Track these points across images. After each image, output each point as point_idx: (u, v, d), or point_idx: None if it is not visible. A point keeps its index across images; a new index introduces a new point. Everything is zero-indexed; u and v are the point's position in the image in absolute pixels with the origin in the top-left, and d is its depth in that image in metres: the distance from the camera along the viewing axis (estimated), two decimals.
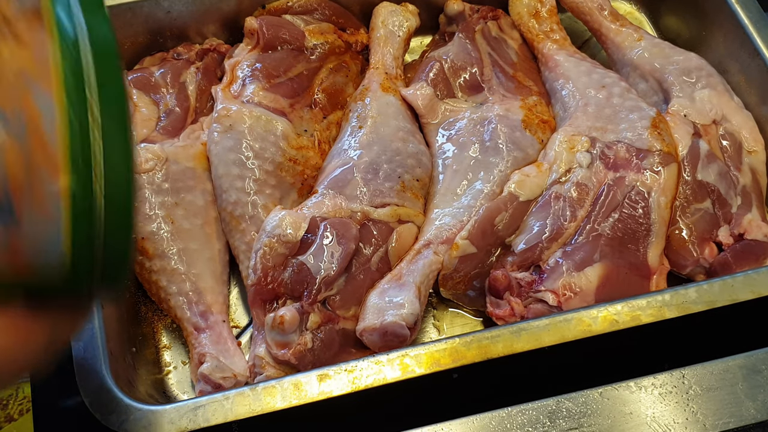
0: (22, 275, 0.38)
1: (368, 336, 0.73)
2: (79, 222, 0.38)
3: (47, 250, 0.38)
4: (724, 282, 0.71)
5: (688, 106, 0.86)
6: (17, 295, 0.39)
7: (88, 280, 0.40)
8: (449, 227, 0.80)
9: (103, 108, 0.38)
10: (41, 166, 0.37)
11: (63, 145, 0.37)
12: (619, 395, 0.68)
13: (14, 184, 0.36)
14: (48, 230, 0.38)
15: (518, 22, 0.98)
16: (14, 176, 0.36)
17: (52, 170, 0.37)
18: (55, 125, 0.37)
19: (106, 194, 0.38)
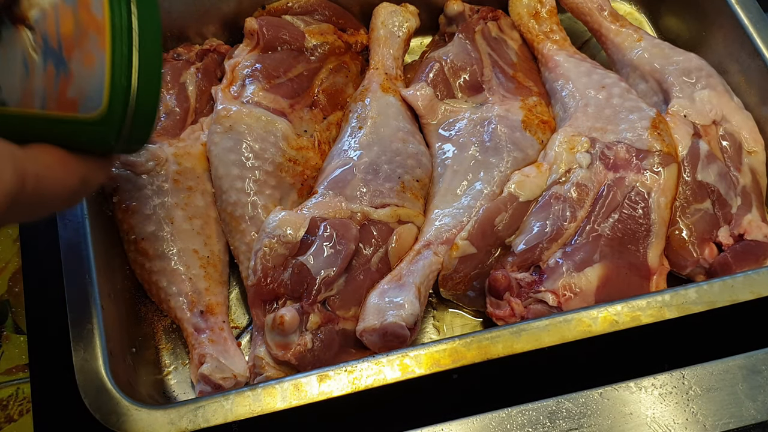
0: (67, 114, 0.46)
1: (368, 336, 0.73)
2: (117, 81, 0.46)
3: (90, 97, 0.46)
4: (724, 282, 0.71)
5: (688, 107, 0.86)
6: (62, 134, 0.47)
7: (118, 131, 0.48)
8: (449, 228, 0.80)
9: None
10: (89, 28, 0.45)
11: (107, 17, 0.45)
12: (619, 396, 0.68)
13: (66, 38, 0.45)
14: (91, 81, 0.46)
15: (518, 23, 0.98)
16: (66, 32, 0.44)
17: (98, 34, 0.45)
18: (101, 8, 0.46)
19: (140, 63, 0.46)
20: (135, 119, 0.48)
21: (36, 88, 0.45)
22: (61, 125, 0.47)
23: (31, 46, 0.45)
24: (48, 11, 0.45)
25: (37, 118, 0.46)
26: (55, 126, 0.47)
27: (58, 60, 0.45)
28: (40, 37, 0.45)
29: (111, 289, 0.75)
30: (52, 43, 0.45)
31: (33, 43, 0.45)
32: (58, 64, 0.45)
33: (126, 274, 0.80)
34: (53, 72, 0.45)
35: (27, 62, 0.45)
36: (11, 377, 0.85)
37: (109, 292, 0.74)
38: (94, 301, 0.70)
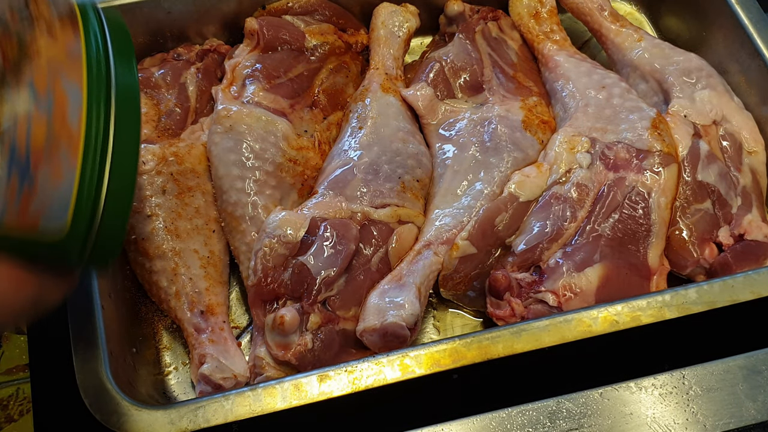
0: (26, 231, 0.43)
1: (368, 336, 0.73)
2: (84, 200, 0.43)
3: (52, 214, 0.43)
4: (724, 282, 0.71)
5: (688, 107, 0.86)
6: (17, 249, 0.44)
7: (80, 251, 0.45)
8: (449, 228, 0.80)
9: (119, 106, 0.44)
10: (61, 141, 0.42)
11: (82, 130, 0.42)
12: (619, 396, 0.68)
13: (36, 149, 0.42)
14: (57, 197, 0.43)
15: (518, 23, 0.98)
16: (37, 143, 0.42)
17: (70, 147, 0.42)
18: (78, 111, 0.43)
19: (111, 182, 0.43)
20: (99, 240, 0.45)
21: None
22: (20, 239, 0.44)
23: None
24: (20, 117, 0.42)
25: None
26: (11, 239, 0.44)
27: (23, 172, 0.42)
28: (7, 146, 0.42)
29: (111, 289, 0.75)
30: (19, 154, 0.42)
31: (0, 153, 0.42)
32: (23, 176, 0.42)
33: (126, 274, 0.80)
34: (17, 183, 0.42)
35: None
36: (12, 377, 0.85)
37: (109, 292, 0.74)
38: (95, 302, 0.70)
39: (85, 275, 0.49)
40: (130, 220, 0.79)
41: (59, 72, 0.43)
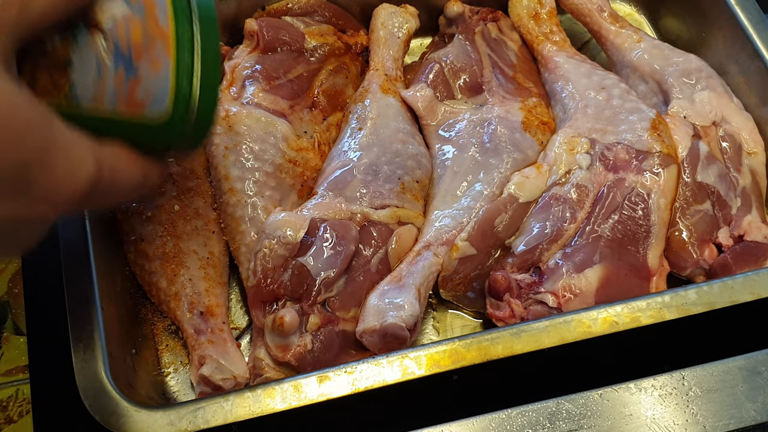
0: (134, 114, 0.50)
1: (368, 338, 0.73)
2: (181, 86, 0.50)
3: (155, 100, 0.50)
4: (723, 283, 0.71)
5: (687, 108, 0.86)
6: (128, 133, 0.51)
7: (178, 131, 0.52)
8: (449, 229, 0.80)
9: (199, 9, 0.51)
10: (155, 37, 0.49)
11: (171, 27, 0.50)
12: (619, 397, 0.68)
13: (136, 45, 0.49)
14: (157, 84, 0.50)
15: (518, 24, 0.98)
16: (136, 39, 0.49)
17: (164, 42, 0.49)
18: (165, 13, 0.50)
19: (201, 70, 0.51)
20: (195, 122, 0.52)
21: (108, 89, 0.49)
22: (129, 124, 0.51)
23: (104, 50, 0.48)
24: (119, 20, 0.49)
25: (107, 117, 0.50)
26: (122, 124, 0.50)
27: (128, 64, 0.49)
28: (112, 42, 0.48)
29: (111, 290, 0.75)
30: (122, 49, 0.49)
31: (105, 47, 0.49)
32: (128, 68, 0.49)
33: (126, 275, 0.80)
34: (123, 75, 0.49)
35: (99, 64, 0.48)
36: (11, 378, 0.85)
37: (109, 293, 0.74)
38: (94, 303, 0.70)
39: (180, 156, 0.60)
40: (130, 222, 0.79)
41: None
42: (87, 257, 0.72)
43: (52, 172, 0.45)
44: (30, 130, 0.43)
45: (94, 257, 0.73)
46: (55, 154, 0.45)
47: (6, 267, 0.91)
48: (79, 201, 0.47)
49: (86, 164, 0.47)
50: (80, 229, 0.74)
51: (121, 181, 0.52)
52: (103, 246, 0.76)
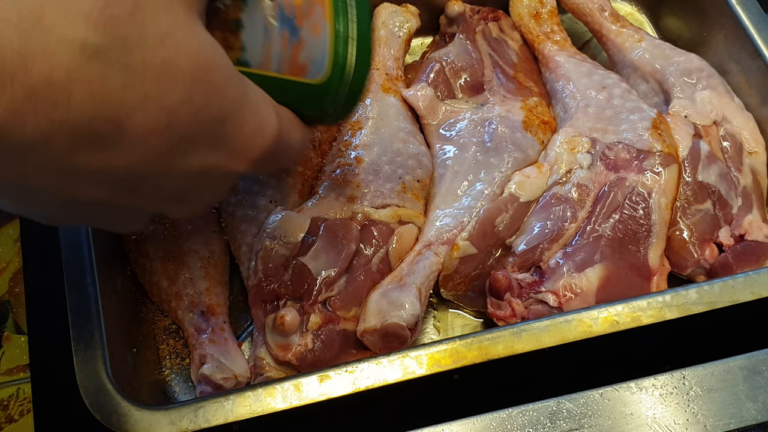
0: (297, 78, 0.52)
1: (369, 337, 0.73)
2: (339, 50, 0.52)
3: (315, 64, 0.52)
4: (724, 283, 0.71)
5: (688, 107, 0.86)
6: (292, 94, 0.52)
7: (335, 96, 0.54)
8: (450, 228, 0.80)
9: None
10: (315, 3, 0.51)
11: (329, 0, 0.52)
12: (619, 396, 0.67)
13: (298, 8, 0.50)
14: (317, 49, 0.51)
15: (519, 23, 0.98)
16: (298, 2, 0.50)
17: (322, 7, 0.51)
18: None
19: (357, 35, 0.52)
20: (349, 87, 0.54)
21: (273, 52, 0.50)
22: (292, 87, 0.52)
23: (270, 13, 0.49)
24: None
25: (273, 79, 0.51)
26: (286, 87, 0.52)
27: (291, 27, 0.50)
28: (277, 5, 0.50)
29: (112, 289, 0.75)
30: (287, 12, 0.50)
31: (272, 10, 0.50)
32: (292, 32, 0.50)
33: (127, 274, 0.80)
34: (287, 38, 0.50)
35: (267, 27, 0.49)
36: (12, 377, 0.85)
37: (109, 292, 0.74)
38: (95, 302, 0.70)
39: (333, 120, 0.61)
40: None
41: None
42: (88, 256, 0.73)
43: (245, 127, 0.46)
44: (229, 84, 0.44)
45: (95, 256, 0.73)
46: (248, 110, 0.46)
47: (7, 266, 0.91)
48: (263, 158, 0.48)
49: (271, 122, 0.48)
50: (81, 229, 0.74)
51: (292, 143, 0.53)
52: (104, 245, 0.76)
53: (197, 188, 0.48)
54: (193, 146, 0.43)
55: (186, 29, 0.41)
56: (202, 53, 0.42)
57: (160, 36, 0.39)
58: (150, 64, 0.39)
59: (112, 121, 0.38)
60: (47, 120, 0.36)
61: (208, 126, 0.43)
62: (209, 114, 0.43)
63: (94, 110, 0.37)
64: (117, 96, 0.38)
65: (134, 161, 0.41)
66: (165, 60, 0.39)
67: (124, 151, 0.40)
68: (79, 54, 0.36)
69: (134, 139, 0.40)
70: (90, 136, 0.38)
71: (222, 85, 0.43)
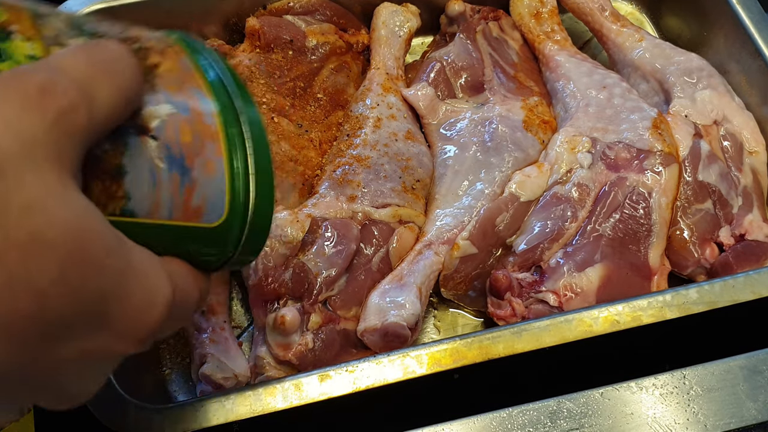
0: (192, 223, 0.46)
1: (369, 336, 0.73)
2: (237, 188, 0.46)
3: (211, 205, 0.46)
4: (725, 283, 0.71)
5: (689, 107, 0.86)
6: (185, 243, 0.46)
7: (237, 239, 0.48)
8: (450, 228, 0.80)
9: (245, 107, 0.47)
10: (204, 137, 0.45)
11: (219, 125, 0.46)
12: (620, 396, 0.67)
13: (187, 146, 0.44)
14: (213, 188, 0.45)
15: (519, 23, 0.98)
16: (186, 140, 0.44)
17: (214, 142, 0.45)
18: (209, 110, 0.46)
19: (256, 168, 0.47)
20: (252, 228, 0.48)
21: (163, 197, 0.44)
22: (187, 233, 0.46)
23: (156, 155, 0.44)
24: (167, 122, 0.44)
25: (165, 227, 0.45)
26: (181, 234, 0.46)
27: (181, 168, 0.44)
28: (163, 146, 0.44)
29: None
30: (174, 151, 0.44)
31: (157, 151, 0.44)
32: (182, 172, 0.44)
33: None
34: (178, 180, 0.44)
35: (154, 171, 0.44)
36: None
37: None
38: None
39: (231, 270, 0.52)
40: None
41: (181, 80, 0.46)
42: None
43: (130, 301, 0.39)
44: (109, 256, 0.37)
45: None
46: (133, 281, 0.39)
47: None
48: (155, 331, 0.41)
49: (162, 290, 0.41)
50: None
51: (189, 304, 0.45)
52: None
53: (76, 377, 0.41)
54: (69, 332, 0.36)
55: (57, 195, 0.35)
56: (77, 223, 0.35)
57: (26, 205, 0.33)
58: (14, 240, 0.32)
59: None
60: None
61: (87, 307, 0.36)
62: (87, 294, 0.36)
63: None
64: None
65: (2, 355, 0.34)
66: (32, 233, 0.33)
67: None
68: None
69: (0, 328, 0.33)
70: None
71: (101, 257, 0.36)
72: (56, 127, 0.35)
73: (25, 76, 0.35)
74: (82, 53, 0.39)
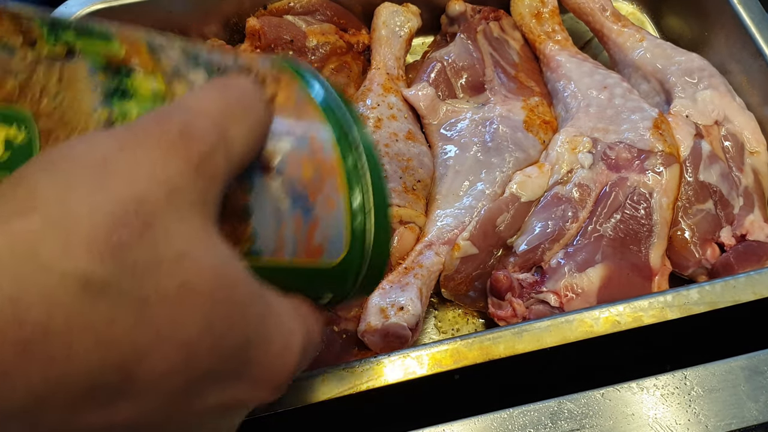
0: (314, 262, 0.45)
1: (369, 337, 0.73)
2: (356, 221, 0.45)
3: (332, 243, 0.45)
4: (726, 283, 0.71)
5: (690, 107, 0.86)
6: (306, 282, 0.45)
7: (356, 276, 0.47)
8: (451, 228, 0.80)
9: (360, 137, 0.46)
10: (324, 172, 0.44)
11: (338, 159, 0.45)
12: (620, 396, 0.67)
13: (309, 183, 0.43)
14: (333, 225, 0.44)
15: (520, 23, 0.98)
16: (308, 176, 0.43)
17: (333, 177, 0.44)
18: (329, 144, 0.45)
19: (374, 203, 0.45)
20: (370, 264, 0.47)
21: (287, 236, 0.43)
22: (307, 273, 0.45)
23: (280, 193, 0.43)
24: (289, 158, 0.43)
25: (287, 267, 0.44)
26: (301, 275, 0.45)
27: (305, 205, 0.43)
28: (286, 183, 0.43)
29: None
30: (298, 188, 0.43)
31: (281, 189, 0.43)
32: (305, 210, 0.43)
33: None
34: (301, 218, 0.43)
35: (278, 209, 0.43)
36: None
37: None
38: None
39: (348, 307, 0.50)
40: None
41: (298, 111, 0.45)
42: None
43: (270, 347, 0.38)
44: (252, 300, 0.37)
45: None
46: (273, 325, 0.38)
47: None
48: (291, 377, 0.40)
49: (297, 332, 0.40)
50: None
51: (314, 344, 0.44)
52: None
53: (214, 425, 0.40)
54: (213, 381, 0.36)
55: (203, 243, 0.34)
56: (223, 270, 0.34)
57: (176, 257, 0.32)
58: (164, 293, 0.32)
59: (120, 369, 0.31)
60: (41, 379, 0.29)
61: (231, 354, 0.36)
62: (232, 341, 0.35)
63: (99, 361, 0.30)
64: (126, 339, 0.31)
65: (145, 410, 0.33)
66: (182, 285, 0.32)
67: (133, 400, 0.33)
68: (82, 293, 0.29)
69: (146, 386, 0.32)
70: (93, 391, 0.31)
71: (245, 302, 0.36)
72: (198, 172, 0.34)
73: (165, 121, 0.34)
74: (214, 92, 0.38)
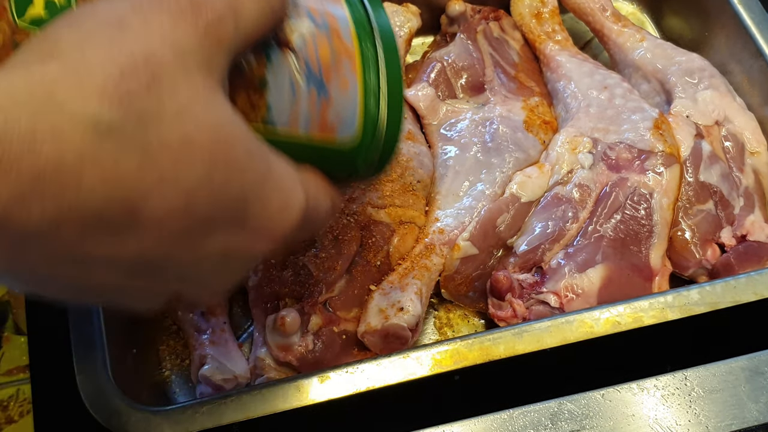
0: (327, 138, 0.48)
1: (369, 338, 0.73)
2: (370, 107, 0.48)
3: (345, 122, 0.48)
4: (726, 283, 0.70)
5: (690, 107, 0.86)
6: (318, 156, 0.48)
7: (366, 155, 0.50)
8: (451, 228, 0.80)
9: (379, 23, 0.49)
10: (341, 55, 0.47)
11: (356, 44, 0.48)
12: (621, 397, 0.67)
13: (325, 63, 0.47)
14: (347, 105, 0.48)
15: (520, 23, 0.98)
16: (324, 57, 0.47)
17: (350, 60, 0.47)
18: (348, 30, 0.48)
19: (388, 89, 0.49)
20: (382, 144, 0.50)
21: (301, 111, 0.46)
22: (320, 148, 0.48)
23: (296, 70, 0.46)
24: (307, 37, 0.46)
25: (301, 140, 0.47)
26: (314, 149, 0.48)
27: (319, 84, 0.46)
28: (303, 61, 0.46)
29: None
30: (313, 68, 0.46)
31: (298, 66, 0.46)
32: (320, 89, 0.46)
33: None
34: (315, 96, 0.46)
35: (293, 85, 0.46)
36: (12, 378, 0.85)
37: None
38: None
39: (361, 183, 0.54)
40: None
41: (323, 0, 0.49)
42: None
43: (269, 204, 0.42)
44: (251, 160, 0.40)
45: None
46: (272, 186, 0.42)
47: None
48: (290, 234, 0.44)
49: (298, 196, 0.44)
50: None
51: (320, 213, 0.48)
52: None
53: (216, 271, 0.44)
54: (212, 228, 0.40)
55: (206, 101, 0.38)
56: (222, 127, 0.39)
57: (178, 111, 0.36)
58: (167, 143, 0.36)
59: (126, 205, 0.35)
60: (55, 206, 0.33)
61: (229, 206, 0.40)
62: (230, 193, 0.40)
63: (106, 194, 0.34)
64: (131, 178, 0.35)
65: (149, 246, 0.38)
66: (182, 137, 0.36)
67: (138, 236, 0.37)
68: (92, 133, 0.33)
69: (149, 223, 0.37)
70: (101, 222, 0.35)
71: (244, 161, 0.40)
72: (206, 37, 0.38)
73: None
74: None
